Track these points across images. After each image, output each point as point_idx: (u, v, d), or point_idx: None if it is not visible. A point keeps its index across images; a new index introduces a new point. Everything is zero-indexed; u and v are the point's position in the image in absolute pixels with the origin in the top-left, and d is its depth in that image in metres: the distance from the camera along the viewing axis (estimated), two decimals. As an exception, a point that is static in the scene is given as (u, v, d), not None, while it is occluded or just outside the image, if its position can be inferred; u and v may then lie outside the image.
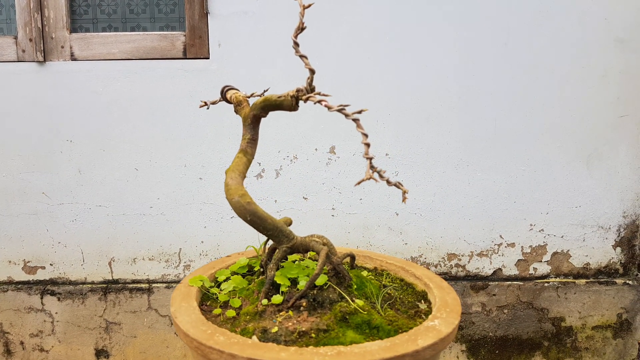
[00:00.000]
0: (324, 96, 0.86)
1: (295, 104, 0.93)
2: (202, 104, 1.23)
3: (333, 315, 0.96)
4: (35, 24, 1.76)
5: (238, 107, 1.11)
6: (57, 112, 1.79)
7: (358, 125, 0.81)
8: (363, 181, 0.80)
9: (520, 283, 1.89)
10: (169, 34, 1.79)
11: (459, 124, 1.82)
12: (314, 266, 1.10)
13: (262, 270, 1.14)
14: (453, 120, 1.81)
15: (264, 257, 1.12)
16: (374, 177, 0.81)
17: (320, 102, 0.85)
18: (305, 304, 0.99)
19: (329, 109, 0.83)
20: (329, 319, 0.95)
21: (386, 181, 0.83)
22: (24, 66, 1.77)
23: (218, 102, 1.22)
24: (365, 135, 0.82)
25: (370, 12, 1.75)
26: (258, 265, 1.19)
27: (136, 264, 1.88)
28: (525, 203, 1.86)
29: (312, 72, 0.87)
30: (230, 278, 1.15)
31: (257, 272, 1.16)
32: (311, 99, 0.88)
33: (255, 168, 1.83)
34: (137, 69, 1.78)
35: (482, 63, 1.78)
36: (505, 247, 1.89)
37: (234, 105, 1.13)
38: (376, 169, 0.82)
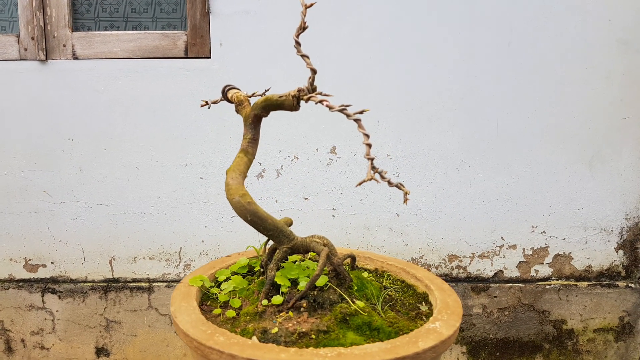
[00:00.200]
0: (326, 96, 0.86)
1: (296, 103, 0.93)
2: (203, 103, 1.22)
3: (333, 317, 0.95)
4: (38, 23, 1.76)
5: (239, 106, 1.11)
6: (58, 110, 1.79)
7: (359, 126, 0.81)
8: (364, 182, 0.79)
9: (522, 285, 1.89)
10: (170, 33, 1.79)
11: (460, 125, 1.81)
12: (314, 267, 1.09)
13: (263, 270, 1.14)
14: (455, 121, 1.81)
15: (264, 258, 1.12)
16: (375, 178, 0.81)
17: (321, 102, 0.85)
18: (305, 304, 0.99)
19: (330, 109, 0.83)
20: (329, 320, 0.94)
21: (387, 182, 0.82)
22: (26, 65, 1.77)
23: (219, 102, 1.22)
24: (366, 135, 0.81)
25: (372, 12, 1.75)
26: (258, 266, 1.18)
27: (137, 262, 1.88)
28: (527, 205, 1.86)
29: (313, 71, 0.87)
30: (230, 278, 1.15)
31: (258, 273, 1.16)
32: (312, 99, 0.88)
33: (256, 168, 1.82)
34: (139, 68, 1.77)
35: (484, 63, 1.78)
36: (507, 249, 1.89)
37: (235, 104, 1.13)
38: (377, 170, 0.82)
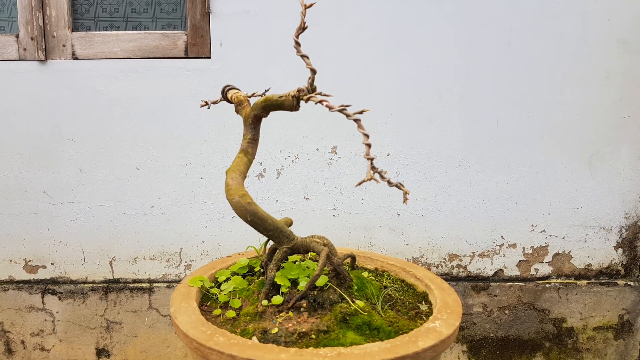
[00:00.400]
0: (325, 96, 0.86)
1: (296, 104, 0.93)
2: (202, 103, 1.22)
3: (333, 316, 0.95)
4: (37, 23, 1.76)
5: (239, 106, 1.11)
6: (58, 111, 1.79)
7: (359, 126, 0.81)
8: (364, 182, 0.80)
9: (522, 284, 1.89)
10: (170, 33, 1.79)
11: (460, 125, 1.81)
12: (314, 267, 1.09)
13: (263, 270, 1.14)
14: (455, 121, 1.81)
15: (264, 258, 1.12)
16: (375, 178, 0.81)
17: (321, 102, 0.85)
18: (305, 304, 0.99)
19: (330, 109, 0.83)
20: (329, 320, 0.94)
21: (387, 182, 0.82)
22: (25, 65, 1.77)
23: (219, 102, 1.22)
24: (366, 135, 0.81)
25: (372, 12, 1.75)
26: (258, 266, 1.18)
27: (137, 263, 1.88)
28: (526, 204, 1.86)
29: (313, 72, 0.87)
30: (230, 278, 1.15)
31: (258, 273, 1.16)
32: (312, 99, 0.88)
33: (256, 168, 1.82)
34: (139, 68, 1.77)
35: (484, 63, 1.78)
36: (507, 247, 1.89)
37: (234, 105, 1.13)
38: (377, 170, 0.82)
